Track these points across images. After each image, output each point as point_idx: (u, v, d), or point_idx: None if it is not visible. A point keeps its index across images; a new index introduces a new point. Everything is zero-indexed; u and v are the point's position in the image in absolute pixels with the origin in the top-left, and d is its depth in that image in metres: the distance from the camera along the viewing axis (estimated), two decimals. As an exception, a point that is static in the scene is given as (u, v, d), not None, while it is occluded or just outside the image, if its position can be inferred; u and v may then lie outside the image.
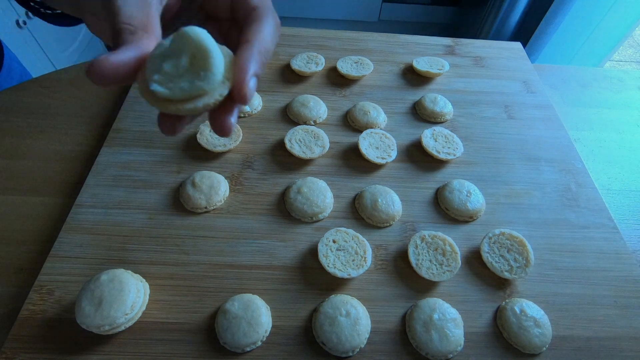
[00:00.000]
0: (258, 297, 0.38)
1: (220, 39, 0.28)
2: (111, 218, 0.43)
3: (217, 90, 0.20)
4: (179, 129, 0.22)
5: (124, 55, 0.19)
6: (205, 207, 0.44)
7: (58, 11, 0.38)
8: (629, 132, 0.61)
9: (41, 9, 0.36)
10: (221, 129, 0.22)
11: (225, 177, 0.47)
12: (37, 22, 1.32)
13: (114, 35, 0.21)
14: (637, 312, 0.40)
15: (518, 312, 0.38)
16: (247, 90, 0.21)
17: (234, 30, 0.27)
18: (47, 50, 1.41)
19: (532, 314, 0.38)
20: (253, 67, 0.21)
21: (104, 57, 0.18)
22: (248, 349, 0.35)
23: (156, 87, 0.19)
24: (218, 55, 0.20)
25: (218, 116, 0.22)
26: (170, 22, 0.25)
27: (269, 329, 0.37)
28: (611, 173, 0.55)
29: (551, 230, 0.46)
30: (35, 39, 1.34)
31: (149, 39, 0.21)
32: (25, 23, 1.28)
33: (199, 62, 0.20)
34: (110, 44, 0.25)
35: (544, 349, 0.37)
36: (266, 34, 0.23)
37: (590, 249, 0.45)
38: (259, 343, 0.36)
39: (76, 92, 0.58)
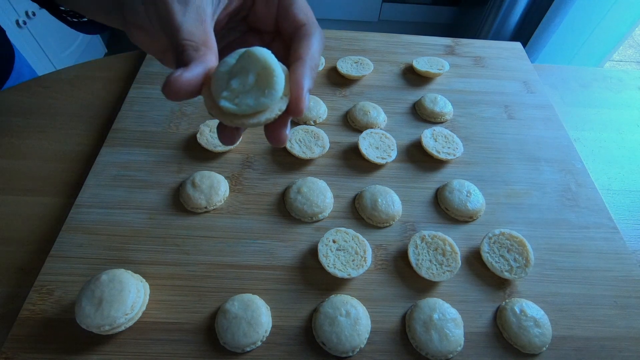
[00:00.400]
0: (258, 297, 0.38)
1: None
2: (111, 218, 0.43)
3: (277, 106, 0.22)
4: (236, 139, 0.25)
5: (194, 73, 0.21)
6: (205, 207, 0.44)
7: (84, 19, 0.38)
8: (629, 132, 0.61)
9: (68, 17, 0.36)
10: (277, 140, 0.24)
11: (225, 177, 0.47)
12: (37, 22, 1.32)
13: (178, 50, 0.22)
14: (637, 312, 0.40)
15: (518, 312, 0.38)
16: (303, 105, 0.22)
17: (278, 43, 0.29)
18: (47, 50, 1.41)
19: (532, 314, 0.38)
20: (307, 83, 0.23)
21: (178, 75, 0.20)
22: (248, 349, 0.35)
23: (225, 104, 0.21)
24: (280, 74, 0.22)
25: (275, 129, 0.24)
26: (219, 35, 0.26)
27: (269, 329, 0.37)
28: (611, 173, 0.55)
29: (551, 230, 0.46)
30: (35, 39, 1.34)
31: (211, 55, 0.23)
32: (25, 23, 1.28)
33: (264, 80, 0.21)
34: (153, 55, 0.28)
35: (544, 349, 0.37)
36: (315, 49, 0.25)
37: (590, 249, 0.45)
38: (259, 343, 0.36)
39: (76, 92, 0.58)
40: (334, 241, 0.41)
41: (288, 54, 0.26)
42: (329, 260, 0.40)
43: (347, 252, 0.41)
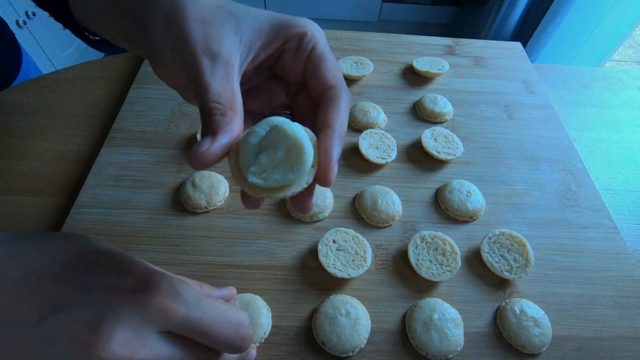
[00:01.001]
0: (259, 297, 0.38)
1: (287, 99, 0.28)
2: (111, 218, 0.43)
3: (305, 179, 0.22)
4: (260, 204, 0.25)
5: (221, 143, 0.21)
6: (205, 207, 0.44)
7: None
8: (629, 132, 0.61)
9: (90, 36, 0.36)
10: (303, 209, 0.24)
11: (225, 177, 0.47)
12: (37, 22, 1.33)
13: (204, 112, 0.22)
14: (637, 312, 0.40)
15: (518, 312, 0.38)
16: (332, 176, 0.22)
17: (303, 96, 0.27)
18: (47, 50, 1.41)
19: (532, 314, 0.38)
20: (336, 152, 0.22)
21: (206, 150, 0.20)
22: (248, 349, 0.35)
23: (253, 179, 0.21)
24: (310, 150, 0.21)
25: (301, 199, 0.24)
26: (243, 80, 0.25)
27: (269, 331, 0.37)
28: (611, 173, 0.55)
29: (551, 230, 0.46)
30: (35, 39, 1.34)
31: (238, 120, 0.22)
32: (25, 23, 1.28)
33: (294, 157, 0.21)
34: (173, 88, 0.28)
35: (544, 349, 0.37)
36: (343, 115, 0.24)
37: (590, 249, 0.45)
38: (257, 344, 0.36)
39: (76, 92, 0.58)
40: (334, 241, 0.41)
41: (313, 110, 0.25)
42: (329, 260, 0.40)
43: (347, 252, 0.41)
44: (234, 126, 0.22)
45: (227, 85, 0.22)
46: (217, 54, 0.22)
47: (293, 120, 0.22)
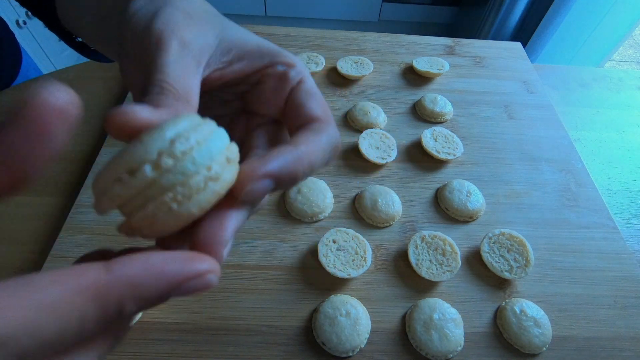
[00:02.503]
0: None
1: (244, 133, 0.23)
2: (111, 218, 0.43)
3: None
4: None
5: (156, 116, 0.16)
6: (205, 207, 0.44)
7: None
8: (629, 132, 0.61)
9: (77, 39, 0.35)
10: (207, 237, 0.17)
11: (225, 177, 0.47)
12: (37, 22, 1.32)
13: (149, 89, 0.17)
14: (637, 312, 0.40)
15: (518, 312, 0.38)
16: (247, 193, 0.16)
17: (280, 136, 0.23)
18: (47, 50, 1.41)
19: (532, 314, 0.38)
20: (274, 169, 0.16)
21: (138, 110, 0.15)
22: (248, 349, 0.35)
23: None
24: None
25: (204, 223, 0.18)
26: (202, 98, 0.20)
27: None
28: (611, 173, 0.55)
29: (551, 230, 0.46)
30: (35, 39, 1.34)
31: (187, 109, 0.17)
32: (25, 23, 1.28)
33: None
34: (131, 89, 0.22)
35: (544, 349, 0.37)
36: (320, 148, 0.18)
37: (590, 249, 0.45)
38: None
39: (76, 92, 0.58)
40: (334, 241, 0.41)
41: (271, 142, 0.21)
42: (329, 260, 0.40)
43: (347, 252, 0.41)
44: (177, 105, 0.17)
45: (187, 75, 0.18)
46: (188, 43, 0.18)
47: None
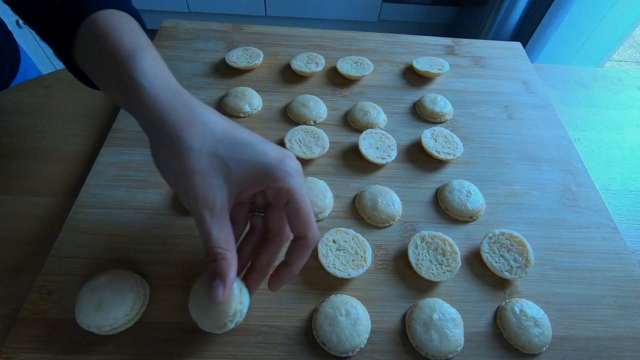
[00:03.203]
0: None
1: (263, 204, 0.34)
2: (111, 218, 0.43)
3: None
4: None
5: (229, 289, 0.29)
6: (205, 207, 0.44)
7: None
8: (629, 132, 0.61)
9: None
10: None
11: (225, 177, 0.47)
12: (37, 22, 1.32)
13: (209, 256, 0.28)
14: (637, 312, 0.40)
15: (518, 312, 0.38)
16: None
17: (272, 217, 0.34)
18: (47, 50, 1.41)
19: (532, 314, 0.38)
20: (281, 285, 0.33)
21: (221, 295, 0.28)
22: (248, 349, 0.35)
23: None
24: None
25: None
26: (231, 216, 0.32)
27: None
28: (611, 173, 0.55)
29: (551, 230, 0.46)
30: (35, 39, 1.34)
31: (234, 258, 0.29)
32: (25, 23, 1.28)
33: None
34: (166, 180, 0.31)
35: (544, 349, 0.37)
36: (305, 258, 0.32)
37: (590, 249, 0.45)
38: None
39: (76, 92, 0.58)
40: (334, 241, 0.41)
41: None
42: (329, 260, 0.40)
43: (347, 252, 0.41)
44: (232, 269, 0.28)
45: (223, 229, 0.28)
46: (214, 204, 0.28)
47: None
